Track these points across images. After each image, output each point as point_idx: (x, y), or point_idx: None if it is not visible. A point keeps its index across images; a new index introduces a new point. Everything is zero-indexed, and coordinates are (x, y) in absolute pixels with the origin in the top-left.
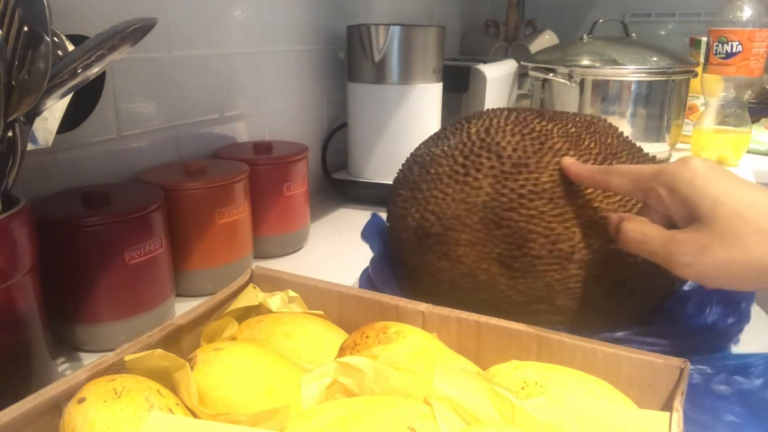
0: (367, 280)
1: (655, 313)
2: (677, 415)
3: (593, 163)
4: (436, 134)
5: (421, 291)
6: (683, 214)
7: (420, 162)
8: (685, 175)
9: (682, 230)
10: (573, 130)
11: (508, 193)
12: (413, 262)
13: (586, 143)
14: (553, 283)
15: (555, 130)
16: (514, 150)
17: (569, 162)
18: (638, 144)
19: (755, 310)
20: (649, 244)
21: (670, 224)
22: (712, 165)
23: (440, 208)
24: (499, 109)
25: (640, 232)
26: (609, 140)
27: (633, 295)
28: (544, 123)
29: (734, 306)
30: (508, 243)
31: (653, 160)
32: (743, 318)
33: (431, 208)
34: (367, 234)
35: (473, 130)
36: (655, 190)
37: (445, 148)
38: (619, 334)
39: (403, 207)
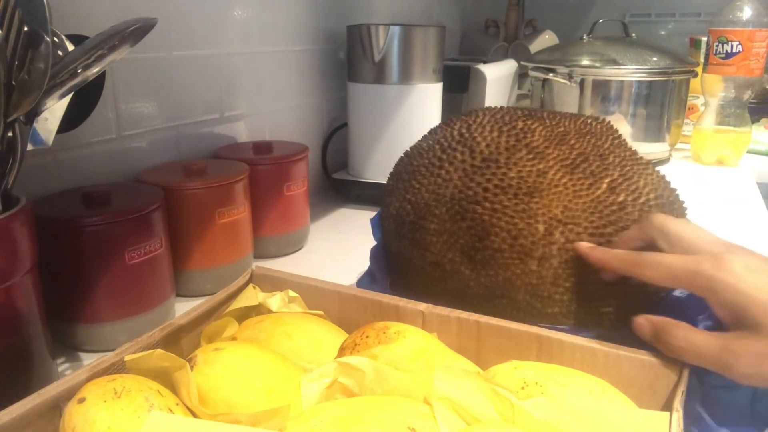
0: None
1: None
2: (677, 415)
3: (570, 163)
4: (430, 130)
5: (400, 278)
6: (728, 316)
7: (408, 154)
8: (727, 281)
9: (734, 337)
10: (561, 129)
11: (474, 186)
12: (393, 248)
13: (571, 143)
14: (513, 278)
15: (539, 128)
16: (487, 146)
17: (588, 248)
18: (638, 144)
19: None
20: (699, 354)
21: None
22: (750, 264)
23: (415, 197)
24: (493, 107)
25: (687, 341)
26: (601, 142)
27: (601, 299)
28: (530, 122)
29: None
30: (472, 235)
31: (647, 164)
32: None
33: (408, 197)
34: (373, 223)
35: (457, 126)
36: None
37: (430, 141)
38: (582, 334)
39: (388, 196)
